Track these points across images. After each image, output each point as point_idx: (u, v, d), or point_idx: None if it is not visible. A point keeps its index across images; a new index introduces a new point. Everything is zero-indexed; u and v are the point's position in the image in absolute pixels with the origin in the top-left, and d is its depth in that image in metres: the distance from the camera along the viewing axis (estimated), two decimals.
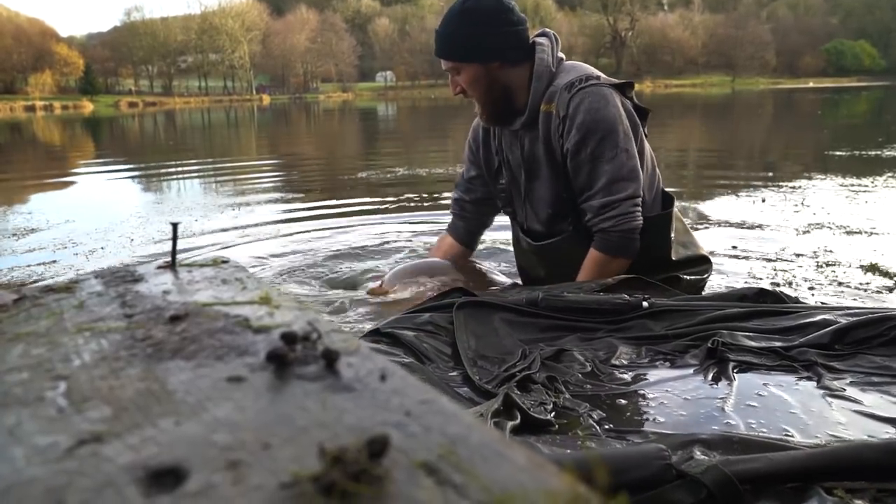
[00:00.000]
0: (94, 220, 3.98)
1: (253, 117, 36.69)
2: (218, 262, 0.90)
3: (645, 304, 1.49)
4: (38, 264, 2.87)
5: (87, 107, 57.69)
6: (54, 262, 2.90)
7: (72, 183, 7.69)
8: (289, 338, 0.49)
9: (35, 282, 2.60)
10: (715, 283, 2.23)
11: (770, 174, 5.38)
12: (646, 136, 2.04)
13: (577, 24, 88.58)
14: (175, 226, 0.93)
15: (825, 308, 1.52)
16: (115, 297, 0.74)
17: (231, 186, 6.12)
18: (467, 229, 2.34)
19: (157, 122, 33.34)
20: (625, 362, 1.34)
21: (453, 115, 30.88)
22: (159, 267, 0.91)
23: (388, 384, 0.42)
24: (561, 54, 2.04)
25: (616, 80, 1.98)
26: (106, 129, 26.32)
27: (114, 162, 9.81)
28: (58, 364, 0.51)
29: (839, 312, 1.45)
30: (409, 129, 19.49)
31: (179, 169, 8.70)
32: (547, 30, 2.07)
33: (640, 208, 1.91)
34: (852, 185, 4.58)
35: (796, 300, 1.59)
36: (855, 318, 1.38)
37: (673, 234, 2.03)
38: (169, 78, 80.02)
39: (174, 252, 0.91)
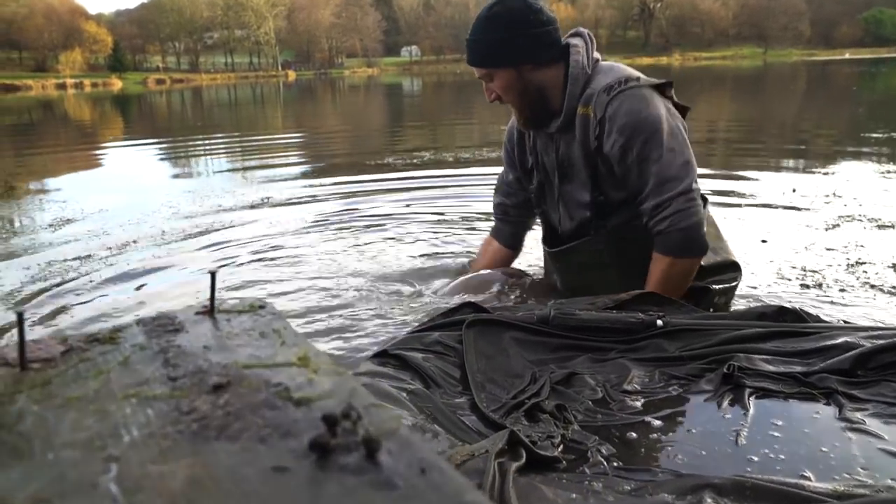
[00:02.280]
0: (125, 209, 4.05)
1: (279, 93, 36.80)
2: (255, 308, 0.92)
3: (659, 322, 1.46)
4: (74, 259, 2.92)
5: (116, 84, 58.26)
6: (88, 256, 2.96)
7: (104, 164, 7.84)
8: (330, 420, 0.51)
9: (70, 280, 2.66)
10: (743, 284, 2.20)
11: (801, 159, 5.28)
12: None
13: None
14: (213, 274, 0.96)
15: (848, 328, 1.48)
16: (158, 351, 0.76)
17: (259, 169, 6.18)
18: (512, 232, 2.32)
19: (185, 98, 33.61)
20: (637, 387, 1.32)
21: (479, 90, 30.66)
22: (198, 313, 0.94)
23: (428, 478, 0.44)
24: (597, 54, 1.99)
25: (655, 81, 1.93)
26: (135, 107, 26.60)
27: (143, 142, 9.93)
28: (108, 440, 0.54)
29: (863, 334, 1.41)
30: (435, 106, 19.42)
31: (208, 150, 8.78)
32: (581, 29, 2.02)
33: (697, 202, 1.86)
34: (887, 172, 4.49)
35: (818, 318, 1.54)
36: (879, 342, 1.33)
37: None
38: (195, 54, 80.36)
39: (213, 298, 0.94)
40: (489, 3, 1.97)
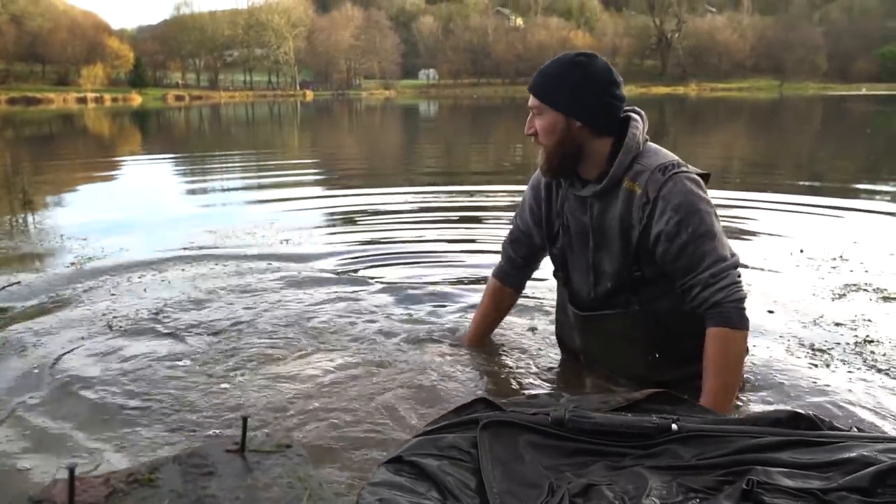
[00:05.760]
0: (147, 245, 4.16)
1: (296, 113, 37.22)
2: (282, 448, 1.00)
3: (674, 426, 1.47)
4: (101, 308, 2.99)
5: (136, 99, 59.06)
6: (115, 301, 3.05)
7: (121, 187, 7.97)
8: None
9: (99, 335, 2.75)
10: (755, 366, 2.26)
11: (810, 210, 5.30)
12: None
13: (622, 25, 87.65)
14: (245, 419, 1.03)
15: (863, 438, 1.50)
16: (195, 501, 0.83)
17: (277, 201, 6.27)
18: (520, 277, 2.43)
19: (203, 116, 34.05)
20: (656, 501, 1.31)
21: (495, 113, 31.00)
22: (228, 451, 1.02)
23: None
24: (646, 135, 2.05)
25: (698, 171, 2.00)
26: (152, 124, 26.99)
27: (161, 162, 10.05)
28: None
29: (879, 446, 1.43)
30: (452, 130, 19.57)
31: (225, 176, 8.92)
32: (637, 108, 2.07)
33: (742, 281, 1.94)
34: (895, 233, 4.55)
35: (831, 424, 1.57)
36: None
37: None
38: (215, 72, 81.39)
39: (244, 439, 1.02)
40: (578, 51, 2.03)
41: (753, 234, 4.48)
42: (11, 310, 2.97)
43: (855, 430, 1.65)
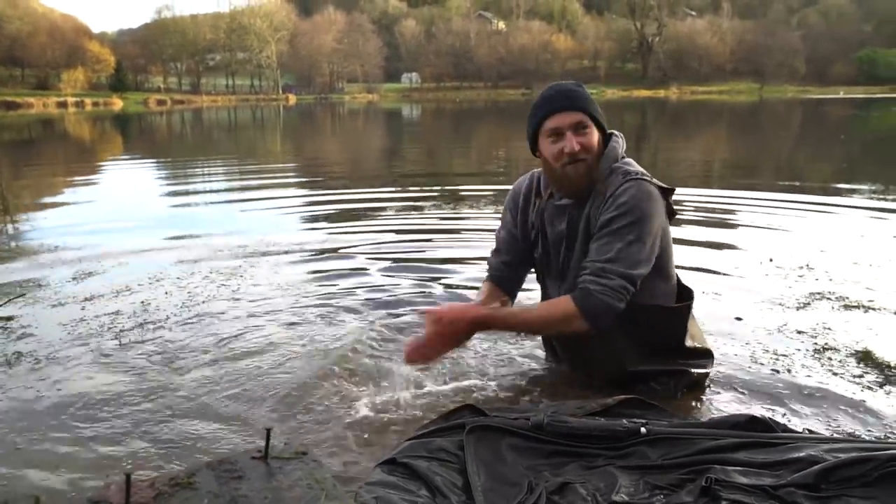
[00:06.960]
0: (144, 257, 4.28)
1: (279, 117, 37.25)
2: (300, 455, 1.15)
3: (643, 430, 1.63)
4: (107, 321, 3.12)
5: (117, 104, 58.77)
6: (118, 314, 3.18)
7: (108, 193, 8.02)
8: None
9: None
10: (723, 368, 2.42)
11: (780, 221, 5.49)
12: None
13: (603, 29, 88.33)
14: (268, 431, 1.18)
15: (811, 439, 1.66)
16: (230, 500, 0.98)
17: (270, 207, 6.38)
18: (511, 289, 2.41)
19: (185, 120, 34.01)
20: (625, 497, 1.46)
21: (478, 118, 31.22)
22: (254, 458, 1.16)
23: None
24: (623, 153, 2.21)
25: (663, 185, 2.14)
26: (135, 128, 26.94)
27: (145, 167, 10.11)
28: None
29: (825, 447, 1.59)
30: (436, 135, 19.74)
31: (210, 181, 9.01)
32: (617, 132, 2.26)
33: (626, 296, 2.02)
34: (859, 238, 4.73)
35: (785, 427, 1.72)
36: (839, 456, 1.51)
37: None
38: (197, 76, 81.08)
39: (267, 448, 1.16)
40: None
41: (726, 243, 4.66)
42: (21, 325, 3.06)
43: (807, 432, 1.83)
